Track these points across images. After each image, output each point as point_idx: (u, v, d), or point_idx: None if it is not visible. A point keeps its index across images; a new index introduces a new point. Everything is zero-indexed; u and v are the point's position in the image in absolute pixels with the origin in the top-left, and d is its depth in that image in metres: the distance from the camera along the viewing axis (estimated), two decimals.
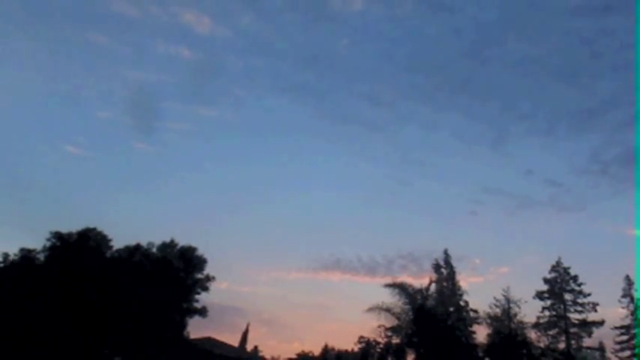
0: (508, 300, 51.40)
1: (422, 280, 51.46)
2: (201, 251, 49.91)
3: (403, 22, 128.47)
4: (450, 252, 54.82)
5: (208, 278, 49.50)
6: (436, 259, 54.47)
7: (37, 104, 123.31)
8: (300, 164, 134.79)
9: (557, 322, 51.64)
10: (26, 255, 44.74)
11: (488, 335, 47.60)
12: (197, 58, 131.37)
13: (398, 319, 45.24)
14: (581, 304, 51.41)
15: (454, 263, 54.29)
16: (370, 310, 44.74)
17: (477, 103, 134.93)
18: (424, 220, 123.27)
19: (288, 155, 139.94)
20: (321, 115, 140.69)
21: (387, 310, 44.87)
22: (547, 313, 52.41)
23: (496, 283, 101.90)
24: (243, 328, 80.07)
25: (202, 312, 48.76)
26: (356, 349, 55.63)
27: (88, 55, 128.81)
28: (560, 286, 52.97)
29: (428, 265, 56.07)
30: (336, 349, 75.06)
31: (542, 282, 53.81)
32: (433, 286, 49.68)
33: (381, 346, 48.12)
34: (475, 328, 50.72)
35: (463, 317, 50.39)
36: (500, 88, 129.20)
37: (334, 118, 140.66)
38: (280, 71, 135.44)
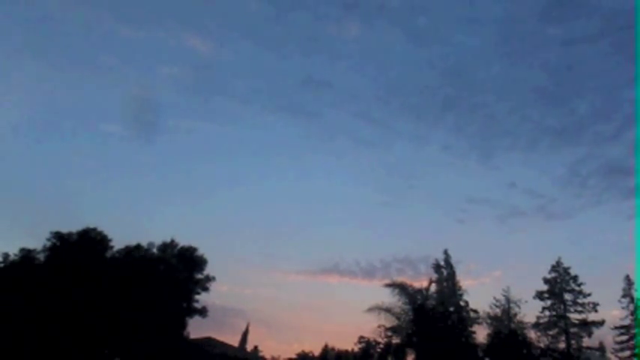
0: (508, 300, 51.47)
1: (419, 282, 51.35)
2: (201, 252, 50.02)
3: (394, 47, 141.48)
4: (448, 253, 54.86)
5: (208, 278, 49.48)
6: (436, 260, 54.45)
7: (46, 114, 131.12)
8: (300, 174, 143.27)
9: (557, 322, 51.56)
10: (26, 255, 44.74)
11: (489, 335, 47.59)
12: (200, 77, 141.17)
13: (398, 319, 45.13)
14: (581, 304, 51.34)
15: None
16: (370, 310, 44.68)
17: (463, 120, 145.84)
18: (418, 227, 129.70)
19: (288, 164, 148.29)
20: (318, 131, 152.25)
21: (387, 310, 44.76)
22: (547, 313, 52.30)
23: (490, 285, 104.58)
24: (244, 329, 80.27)
25: (202, 312, 48.73)
26: (356, 349, 55.73)
27: (98, 72, 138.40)
28: (560, 286, 52.92)
29: (424, 269, 56.44)
30: (336, 349, 75.15)
31: (536, 284, 53.84)
32: (433, 286, 49.69)
33: (381, 346, 48.13)
34: (475, 328, 50.74)
35: (463, 317, 50.35)
36: (484, 107, 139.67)
37: (330, 133, 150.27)
38: (279, 91, 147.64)
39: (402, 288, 45.49)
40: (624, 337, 51.94)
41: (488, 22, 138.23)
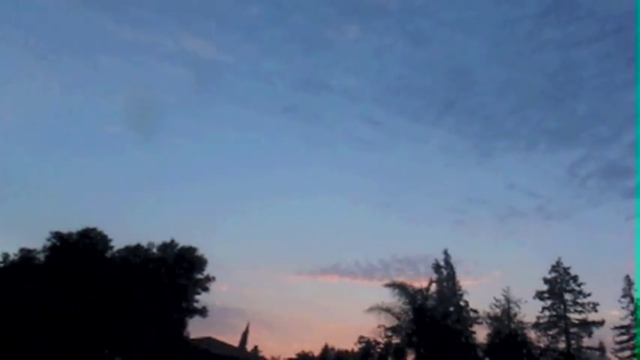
0: (508, 300, 51.47)
1: (419, 282, 51.38)
2: (201, 252, 50.02)
3: (393, 48, 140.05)
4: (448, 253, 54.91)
5: (208, 279, 49.48)
6: (436, 260, 54.46)
7: (46, 114, 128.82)
8: (300, 174, 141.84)
9: (557, 322, 51.61)
10: (26, 255, 44.77)
11: (488, 335, 47.62)
12: (200, 79, 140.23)
13: (398, 319, 45.06)
14: (581, 304, 51.40)
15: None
16: (370, 310, 44.65)
17: (463, 121, 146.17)
18: (418, 227, 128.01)
19: (287, 165, 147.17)
20: (317, 132, 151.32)
21: (387, 310, 44.67)
22: (547, 313, 52.36)
23: (490, 285, 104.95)
24: (244, 329, 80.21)
25: (202, 312, 48.72)
26: (356, 349, 55.69)
27: (98, 73, 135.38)
28: (560, 286, 52.97)
29: (424, 269, 56.34)
30: (336, 349, 75.10)
31: (536, 284, 53.91)
32: (433, 287, 49.67)
33: (381, 346, 48.09)
34: (475, 328, 50.76)
35: (463, 317, 50.37)
36: (484, 108, 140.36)
37: (330, 134, 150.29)
38: (279, 93, 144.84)
39: (402, 288, 45.44)
40: (624, 337, 51.98)
41: (487, 24, 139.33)
